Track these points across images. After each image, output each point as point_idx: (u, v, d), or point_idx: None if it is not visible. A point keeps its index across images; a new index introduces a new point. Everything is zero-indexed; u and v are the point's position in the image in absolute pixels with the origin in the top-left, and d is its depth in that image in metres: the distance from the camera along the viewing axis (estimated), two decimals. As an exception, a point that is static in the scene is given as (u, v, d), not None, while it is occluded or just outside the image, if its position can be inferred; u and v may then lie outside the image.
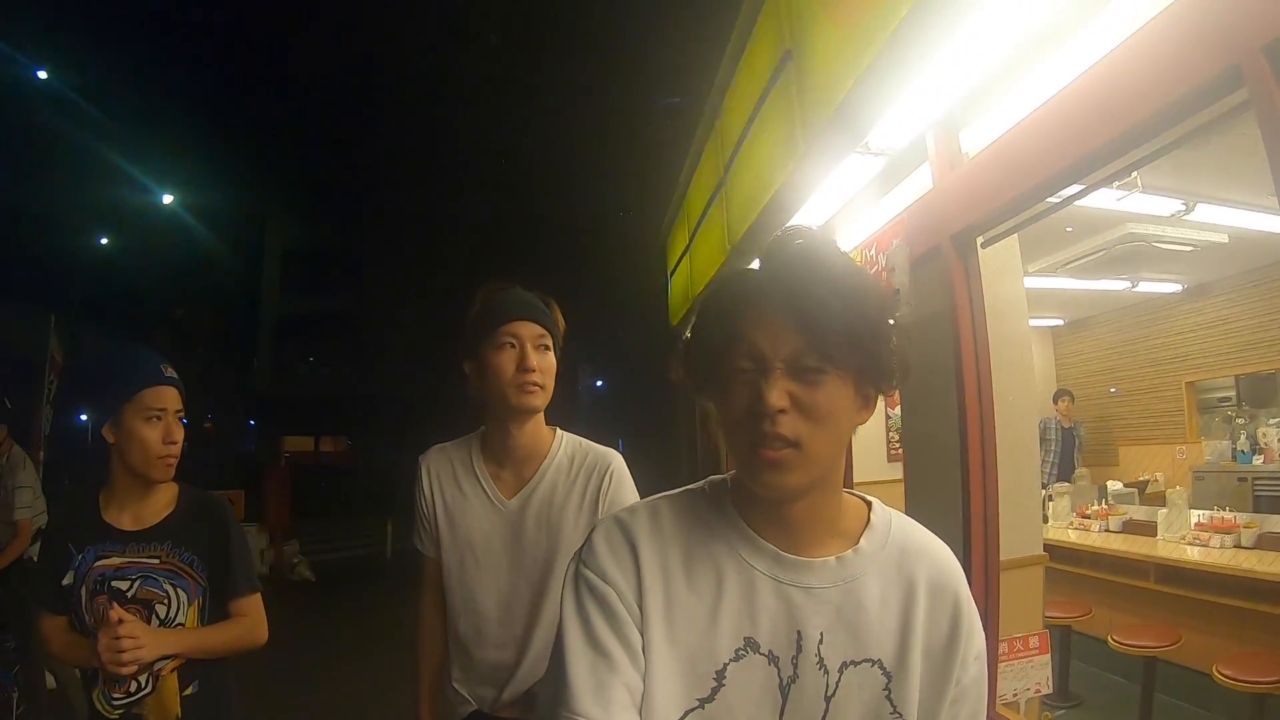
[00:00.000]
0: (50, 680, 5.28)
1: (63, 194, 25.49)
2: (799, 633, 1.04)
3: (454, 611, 2.08)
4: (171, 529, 2.07)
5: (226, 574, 2.11)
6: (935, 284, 3.14)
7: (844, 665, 1.04)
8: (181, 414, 2.07)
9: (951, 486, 3.00)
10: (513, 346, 1.94)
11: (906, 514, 1.16)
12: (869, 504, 1.14)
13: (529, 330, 1.95)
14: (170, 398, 2.04)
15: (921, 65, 2.83)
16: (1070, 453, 7.47)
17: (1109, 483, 6.45)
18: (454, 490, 2.06)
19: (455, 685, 2.07)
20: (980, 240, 3.05)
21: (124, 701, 2.00)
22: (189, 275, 29.48)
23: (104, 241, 24.65)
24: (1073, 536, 5.50)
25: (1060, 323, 8.92)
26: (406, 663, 2.19)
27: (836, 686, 1.04)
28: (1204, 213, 4.60)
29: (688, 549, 1.08)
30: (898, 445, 4.57)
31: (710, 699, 1.03)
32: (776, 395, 0.97)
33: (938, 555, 1.12)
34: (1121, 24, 2.28)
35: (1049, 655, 3.02)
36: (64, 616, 2.06)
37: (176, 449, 2.04)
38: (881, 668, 1.05)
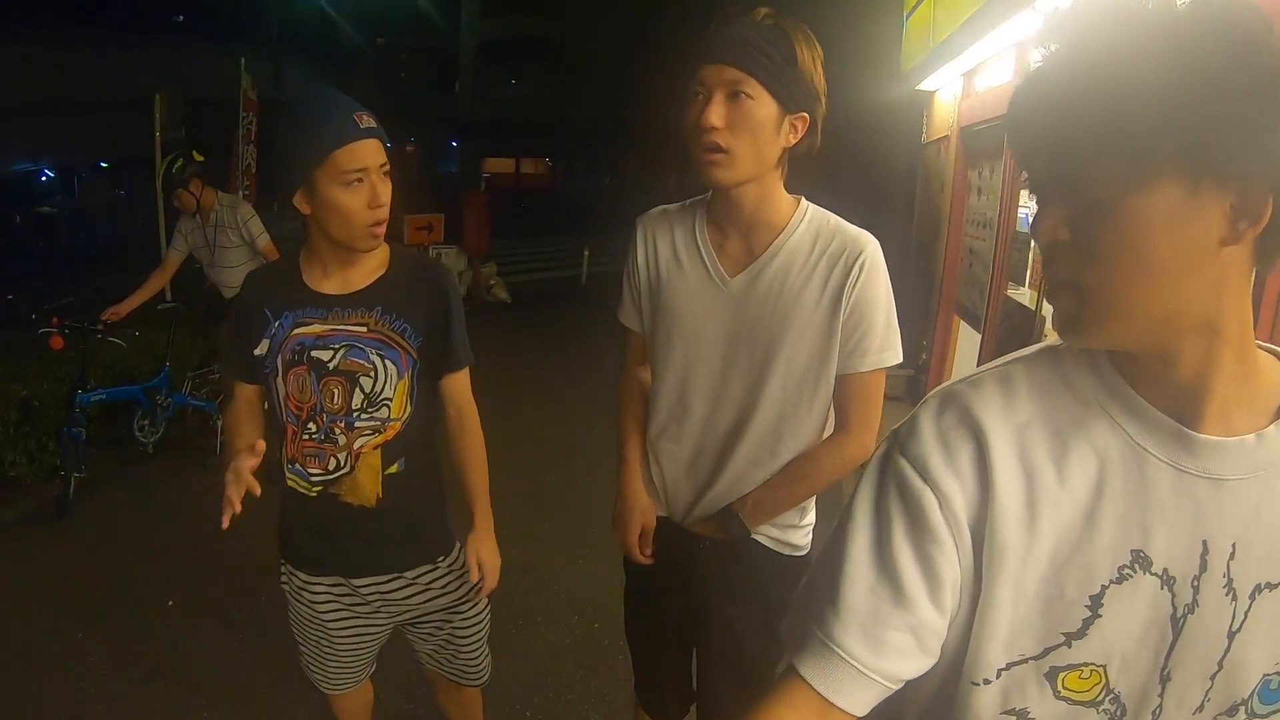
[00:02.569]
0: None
1: None
2: (1204, 544, 0.77)
3: (655, 403, 1.87)
4: (382, 294, 1.84)
5: (445, 346, 1.91)
6: None
7: (1257, 589, 0.77)
8: (386, 168, 1.77)
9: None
10: (700, 96, 1.56)
11: None
12: None
13: (722, 76, 1.54)
14: (370, 153, 1.72)
15: None
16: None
17: None
18: (670, 260, 1.78)
19: (646, 485, 1.93)
20: None
21: (321, 479, 1.87)
22: (391, 2, 29.36)
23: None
24: None
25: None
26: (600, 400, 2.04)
27: (1245, 618, 0.78)
28: None
29: (1055, 429, 0.81)
30: None
31: (1080, 634, 0.79)
32: None
33: None
34: None
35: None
36: (256, 386, 1.93)
37: (384, 213, 1.77)
38: None
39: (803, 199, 1.74)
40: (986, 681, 0.83)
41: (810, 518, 1.89)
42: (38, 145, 19.99)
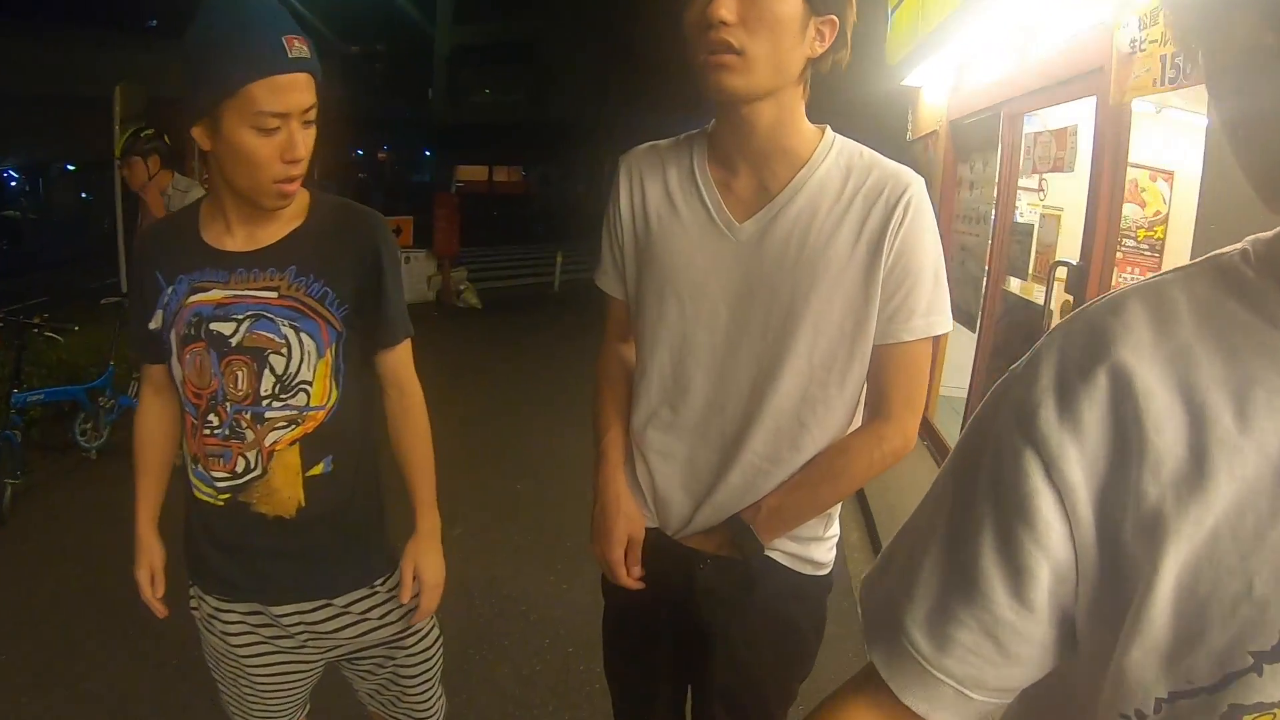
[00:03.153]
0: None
1: None
2: None
3: (642, 384, 1.52)
4: (297, 249, 1.49)
5: (378, 315, 1.57)
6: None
7: None
8: (311, 114, 1.41)
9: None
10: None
11: None
12: None
13: None
14: (297, 91, 1.36)
15: None
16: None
17: None
18: (662, 204, 1.45)
19: (632, 489, 1.57)
20: None
21: (229, 484, 1.53)
22: (361, 7, 29.28)
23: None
24: None
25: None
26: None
27: None
28: None
29: (1231, 354, 0.54)
30: None
31: (1277, 650, 0.50)
32: None
33: None
34: None
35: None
36: (160, 365, 1.61)
37: (300, 168, 1.42)
38: None
39: (828, 127, 1.41)
40: (1140, 715, 0.55)
41: (835, 528, 1.54)
42: (2, 145, 19.65)
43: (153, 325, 1.52)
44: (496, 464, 5.44)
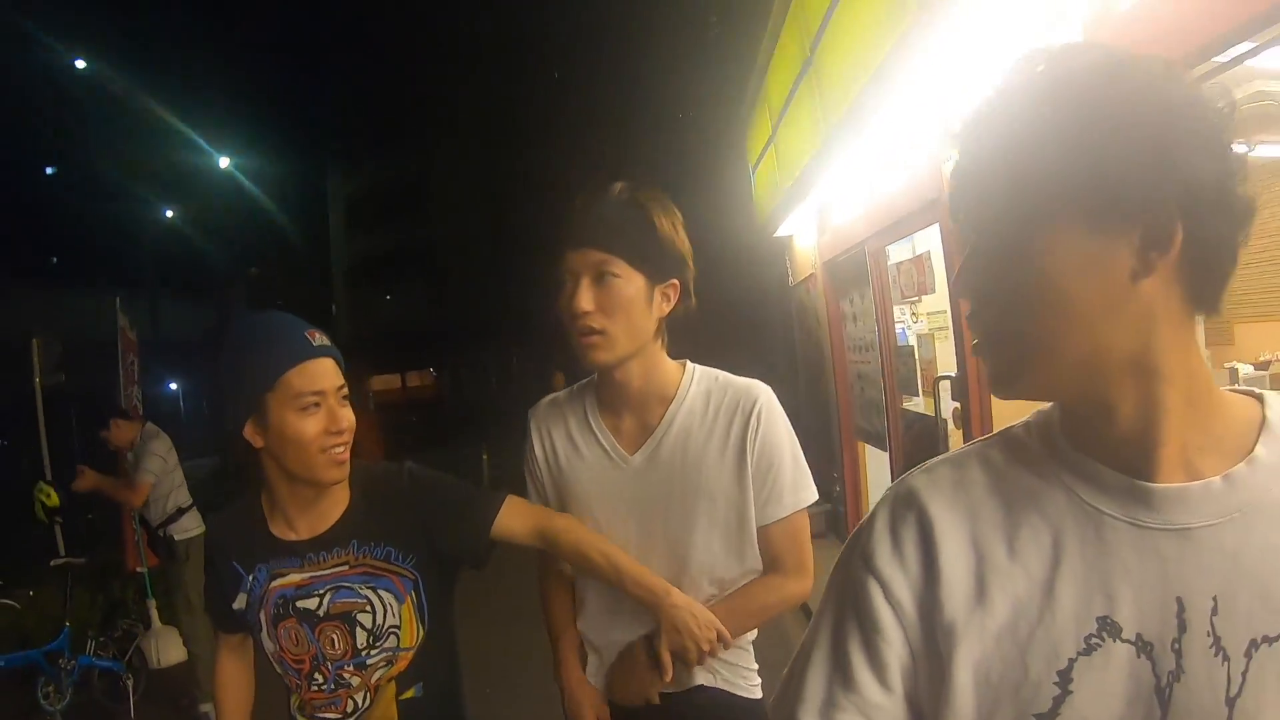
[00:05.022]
0: (181, 652, 5.49)
1: (122, 173, 26.22)
2: (1179, 601, 0.69)
3: (578, 594, 1.79)
4: (353, 527, 1.63)
5: (456, 548, 1.68)
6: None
7: (1253, 645, 0.68)
8: (345, 391, 1.58)
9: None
10: (569, 281, 1.55)
11: None
12: (1260, 399, 0.77)
13: (586, 259, 1.53)
14: (326, 374, 1.55)
15: None
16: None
17: (1239, 365, 5.81)
18: (568, 449, 1.71)
19: (591, 676, 1.79)
20: None
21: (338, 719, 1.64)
22: (257, 232, 30.12)
23: (169, 214, 25.01)
24: None
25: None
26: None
27: (1243, 679, 0.68)
28: None
29: (1006, 505, 0.78)
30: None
31: (1052, 714, 0.71)
32: None
33: None
34: None
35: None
36: (240, 634, 1.77)
37: (346, 437, 1.56)
38: None
39: (688, 362, 1.72)
40: None
41: (756, 668, 1.77)
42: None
43: (237, 605, 1.65)
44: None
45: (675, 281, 1.60)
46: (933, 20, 3.27)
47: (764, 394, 1.64)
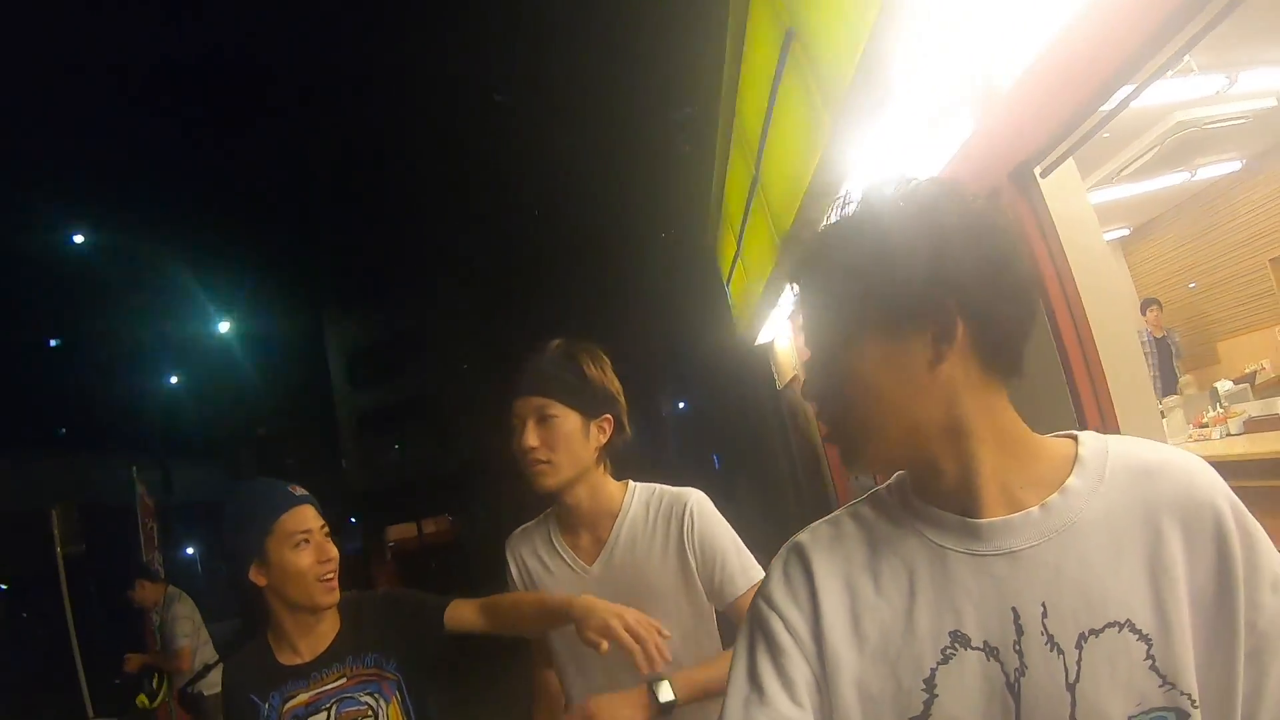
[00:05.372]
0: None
1: (124, 341, 26.96)
2: (1014, 610, 0.86)
3: (568, 696, 2.01)
4: (347, 644, 1.95)
5: (424, 641, 2.00)
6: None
7: (1082, 638, 0.84)
8: (326, 530, 1.95)
9: (1066, 419, 2.87)
10: (518, 424, 1.86)
11: None
12: (1076, 438, 0.94)
13: (530, 405, 1.85)
14: (310, 516, 1.92)
15: (927, 6, 2.73)
16: (1169, 363, 7.08)
17: (1218, 384, 5.97)
18: (539, 567, 2.01)
19: None
20: (1038, 170, 2.95)
21: None
22: (262, 392, 30.39)
23: (174, 380, 25.43)
24: (1196, 450, 5.09)
25: (1127, 232, 8.53)
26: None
27: (1079, 668, 0.84)
28: (1248, 81, 4.38)
29: (871, 549, 0.97)
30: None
31: (924, 715, 0.88)
32: None
33: (1179, 469, 0.89)
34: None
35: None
36: None
37: (333, 565, 1.92)
38: (1134, 630, 0.83)
39: (630, 481, 1.99)
40: None
41: None
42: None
43: None
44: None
45: (609, 416, 1.89)
46: (843, 133, 3.63)
47: (694, 497, 1.91)
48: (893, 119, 3.53)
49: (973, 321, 0.88)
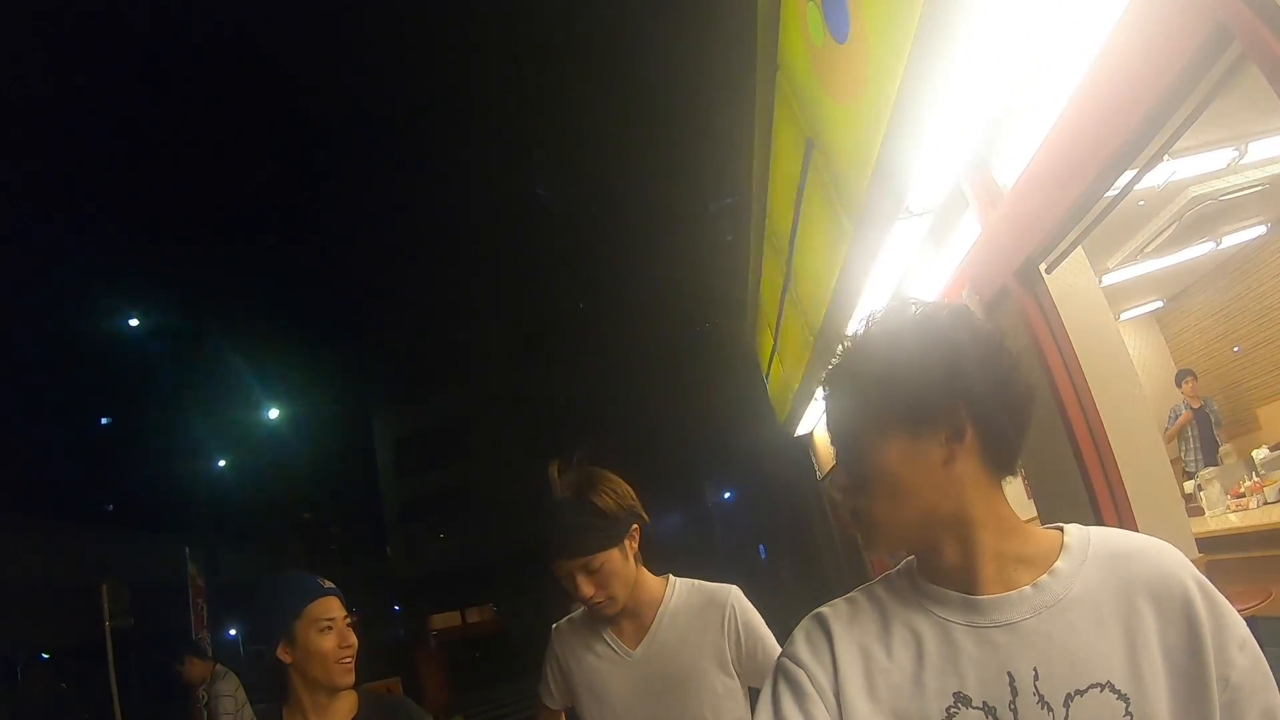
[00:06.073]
0: None
1: (175, 422, 27.48)
2: (1010, 674, 1.00)
3: None
4: None
5: None
6: (1013, 322, 3.17)
7: (1069, 697, 0.97)
8: (349, 620, 2.14)
9: (1082, 511, 2.95)
10: (567, 582, 2.01)
11: None
12: (1062, 529, 1.11)
13: (568, 566, 1.99)
14: (336, 606, 2.12)
15: (932, 120, 2.87)
16: (1210, 432, 7.06)
17: (1255, 452, 5.94)
18: (586, 653, 2.14)
19: None
20: (1044, 266, 3.06)
21: None
22: (309, 479, 30.56)
23: (222, 464, 25.86)
24: (1234, 520, 4.99)
25: (1160, 304, 8.50)
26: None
27: None
28: (1258, 150, 4.31)
29: (884, 622, 1.10)
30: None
31: None
32: None
33: (1152, 553, 1.05)
34: (1102, 11, 2.29)
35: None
36: None
37: (352, 650, 2.10)
38: (1113, 690, 0.97)
39: (670, 575, 2.18)
40: None
41: None
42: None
43: None
44: None
45: (635, 527, 2.07)
46: (862, 239, 3.80)
47: (733, 593, 2.11)
48: (906, 226, 3.72)
49: (979, 426, 1.04)
